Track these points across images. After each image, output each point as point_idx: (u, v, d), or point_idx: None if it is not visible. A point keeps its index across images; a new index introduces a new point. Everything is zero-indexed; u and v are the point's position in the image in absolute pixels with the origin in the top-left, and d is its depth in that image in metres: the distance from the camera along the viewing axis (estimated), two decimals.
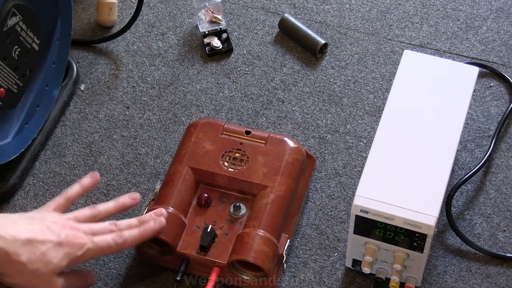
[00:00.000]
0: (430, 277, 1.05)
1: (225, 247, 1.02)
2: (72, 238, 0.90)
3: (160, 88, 1.24)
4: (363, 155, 1.16)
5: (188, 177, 1.06)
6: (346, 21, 1.31)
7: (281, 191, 1.04)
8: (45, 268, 0.89)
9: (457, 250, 1.07)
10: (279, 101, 1.22)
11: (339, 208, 1.11)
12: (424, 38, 1.29)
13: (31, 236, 0.88)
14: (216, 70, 1.26)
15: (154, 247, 1.03)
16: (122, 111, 1.22)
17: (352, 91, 1.23)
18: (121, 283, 1.06)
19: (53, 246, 0.89)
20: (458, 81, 1.04)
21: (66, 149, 1.18)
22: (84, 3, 1.35)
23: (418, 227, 0.93)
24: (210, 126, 1.10)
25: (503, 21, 1.30)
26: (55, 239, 0.89)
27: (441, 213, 0.99)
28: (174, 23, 1.32)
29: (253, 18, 1.32)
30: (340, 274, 1.06)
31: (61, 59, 1.18)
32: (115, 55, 1.28)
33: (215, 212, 1.05)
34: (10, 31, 1.04)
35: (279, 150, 1.08)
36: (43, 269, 0.88)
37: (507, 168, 1.15)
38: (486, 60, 1.26)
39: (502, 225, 1.10)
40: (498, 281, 1.05)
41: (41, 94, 1.16)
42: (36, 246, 0.88)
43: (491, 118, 1.19)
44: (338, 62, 1.26)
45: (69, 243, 0.90)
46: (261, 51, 1.28)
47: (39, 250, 0.88)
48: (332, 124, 1.20)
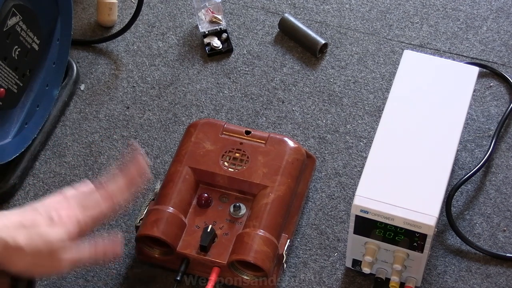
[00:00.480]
0: (430, 277, 1.05)
1: (225, 247, 1.02)
2: (64, 217, 0.90)
3: (160, 88, 1.24)
4: (363, 155, 1.16)
5: (188, 177, 1.06)
6: (346, 21, 1.31)
7: (281, 191, 1.04)
8: (46, 248, 0.88)
9: (457, 250, 1.07)
10: (279, 101, 1.22)
11: (339, 208, 1.11)
12: (424, 38, 1.29)
13: (22, 220, 0.87)
14: (216, 70, 1.26)
15: (154, 247, 1.03)
16: (122, 111, 1.22)
17: (352, 91, 1.23)
18: (121, 283, 1.06)
19: (47, 225, 0.88)
20: (458, 81, 1.04)
21: (66, 149, 1.18)
22: (84, 3, 1.35)
23: (418, 227, 0.93)
24: (210, 126, 1.10)
25: (503, 21, 1.30)
26: (47, 219, 0.89)
27: (441, 213, 0.99)
28: (174, 23, 1.32)
29: (253, 18, 1.32)
30: (340, 274, 1.06)
31: (61, 59, 1.18)
32: (115, 55, 1.28)
33: (215, 212, 1.05)
34: (10, 31, 1.04)
35: (279, 150, 1.08)
36: (44, 249, 0.88)
37: (507, 168, 1.15)
38: (486, 60, 1.26)
39: (502, 225, 1.10)
40: (498, 281, 1.05)
41: (41, 94, 1.16)
42: (31, 229, 0.87)
43: (491, 118, 1.19)
44: (338, 62, 1.26)
45: (61, 220, 0.89)
46: (261, 51, 1.28)
47: (34, 231, 0.87)
48: (332, 124, 1.20)
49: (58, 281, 1.06)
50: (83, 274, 1.06)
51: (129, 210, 1.11)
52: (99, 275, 1.06)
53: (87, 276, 1.06)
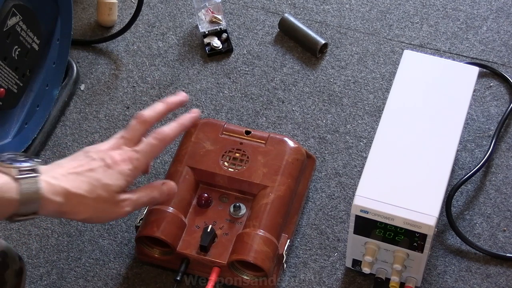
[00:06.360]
0: (430, 277, 1.05)
1: (225, 247, 1.02)
2: (117, 158, 0.91)
3: (160, 88, 1.24)
4: (363, 155, 1.16)
5: (188, 177, 1.06)
6: (346, 21, 1.31)
7: (281, 191, 1.04)
8: (106, 192, 0.89)
9: (457, 250, 1.07)
10: (279, 101, 1.22)
11: (339, 208, 1.12)
12: (424, 38, 1.29)
13: (79, 169, 0.89)
14: (216, 70, 1.26)
15: (154, 247, 1.03)
16: (122, 111, 1.22)
17: (352, 91, 1.23)
18: (121, 283, 1.06)
19: (103, 170, 0.90)
20: (458, 81, 1.04)
21: (66, 149, 1.18)
22: (84, 3, 1.35)
23: (418, 227, 0.93)
24: (210, 126, 1.10)
25: (503, 21, 1.30)
26: (102, 164, 0.90)
27: (441, 213, 0.99)
28: (174, 23, 1.32)
29: (253, 18, 1.32)
30: (340, 274, 1.06)
31: (61, 59, 1.19)
32: (115, 55, 1.28)
33: (215, 212, 1.05)
34: (10, 31, 1.04)
35: (279, 150, 1.08)
36: (104, 193, 0.89)
37: (507, 168, 1.15)
38: (486, 60, 1.26)
39: (502, 225, 1.10)
40: (498, 281, 1.05)
41: (41, 94, 1.16)
42: (88, 175, 0.89)
43: (491, 118, 1.19)
44: (338, 62, 1.26)
45: (116, 162, 0.91)
46: (261, 51, 1.28)
47: (93, 177, 0.89)
48: (332, 124, 1.20)
49: (58, 281, 1.06)
50: (83, 274, 1.06)
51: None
52: (99, 275, 1.06)
53: (87, 276, 1.06)
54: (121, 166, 0.91)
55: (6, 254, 0.87)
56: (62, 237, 1.10)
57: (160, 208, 1.02)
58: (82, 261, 1.08)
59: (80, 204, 0.87)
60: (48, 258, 1.08)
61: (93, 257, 1.08)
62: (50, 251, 1.09)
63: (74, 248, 1.09)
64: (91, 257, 1.08)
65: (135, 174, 0.92)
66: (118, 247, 1.09)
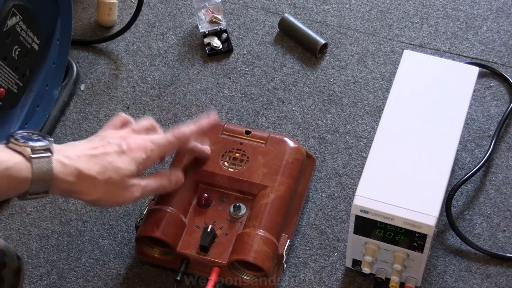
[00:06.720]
0: (430, 277, 1.05)
1: (225, 247, 1.02)
2: (133, 145, 0.93)
3: (160, 88, 1.24)
4: (363, 155, 1.16)
5: (188, 177, 1.06)
6: (346, 21, 1.31)
7: (281, 191, 1.04)
8: (117, 175, 0.91)
9: (457, 250, 1.07)
10: (279, 101, 1.22)
11: (339, 208, 1.11)
12: (424, 38, 1.29)
13: (93, 152, 0.91)
14: (216, 70, 1.26)
15: (154, 247, 1.03)
16: (122, 111, 1.22)
17: (352, 91, 1.23)
18: (121, 283, 1.06)
19: (117, 155, 0.92)
20: (458, 81, 1.04)
21: None
22: (84, 3, 1.35)
23: (418, 227, 0.93)
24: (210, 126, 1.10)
25: (503, 21, 1.30)
26: (117, 149, 0.92)
27: (441, 213, 0.99)
28: (174, 23, 1.32)
29: (253, 18, 1.32)
30: (340, 274, 1.06)
31: (61, 59, 1.19)
32: (115, 55, 1.28)
33: (215, 212, 1.05)
34: (10, 31, 1.04)
35: (279, 150, 1.07)
36: (115, 177, 0.91)
37: (507, 168, 1.15)
38: (486, 60, 1.26)
39: (502, 225, 1.10)
40: (498, 281, 1.05)
41: (41, 94, 1.16)
42: (102, 158, 0.91)
43: (491, 118, 1.19)
44: (338, 62, 1.26)
45: (131, 149, 0.93)
46: (261, 51, 1.28)
47: (106, 160, 0.91)
48: (332, 124, 1.20)
49: (58, 281, 1.06)
50: (83, 274, 1.06)
51: (129, 210, 1.11)
52: (99, 275, 1.06)
53: (87, 276, 1.06)
54: (136, 153, 0.93)
55: (4, 253, 0.87)
56: (62, 237, 1.10)
57: (160, 208, 1.02)
58: (82, 261, 1.08)
59: (91, 185, 0.89)
60: (48, 258, 1.08)
61: (93, 257, 1.08)
62: (50, 251, 1.09)
63: (74, 248, 1.09)
64: (91, 257, 1.08)
65: (147, 163, 0.94)
66: (118, 247, 1.09)
